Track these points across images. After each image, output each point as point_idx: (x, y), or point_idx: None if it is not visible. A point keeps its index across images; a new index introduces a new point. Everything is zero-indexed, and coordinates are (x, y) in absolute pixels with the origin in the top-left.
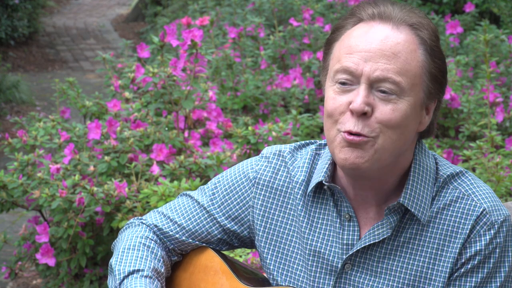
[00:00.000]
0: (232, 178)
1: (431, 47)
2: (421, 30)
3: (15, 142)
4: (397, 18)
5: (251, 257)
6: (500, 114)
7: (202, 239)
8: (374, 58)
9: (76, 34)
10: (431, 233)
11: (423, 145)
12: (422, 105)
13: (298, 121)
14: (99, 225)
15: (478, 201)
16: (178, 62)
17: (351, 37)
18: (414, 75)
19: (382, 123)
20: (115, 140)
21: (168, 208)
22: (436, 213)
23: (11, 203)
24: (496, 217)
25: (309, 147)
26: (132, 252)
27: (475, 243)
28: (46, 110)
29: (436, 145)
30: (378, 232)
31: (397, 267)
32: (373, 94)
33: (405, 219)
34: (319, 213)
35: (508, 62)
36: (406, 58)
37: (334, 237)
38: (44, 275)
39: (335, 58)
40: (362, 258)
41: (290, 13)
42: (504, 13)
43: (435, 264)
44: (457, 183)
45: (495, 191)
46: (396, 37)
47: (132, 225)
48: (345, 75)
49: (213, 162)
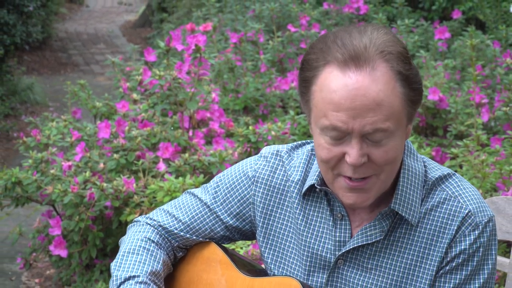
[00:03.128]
0: (233, 177)
1: (406, 76)
2: (394, 61)
3: (29, 141)
4: (370, 56)
5: (251, 248)
6: (486, 115)
7: (205, 236)
8: (361, 114)
9: (87, 39)
10: (420, 233)
11: (412, 149)
12: (406, 126)
13: (295, 121)
14: (108, 218)
15: (464, 202)
16: (183, 66)
17: (331, 91)
18: (398, 112)
19: (380, 165)
20: (124, 139)
21: (173, 206)
22: (424, 214)
23: (26, 198)
24: (481, 218)
25: (305, 148)
26: (132, 256)
27: (460, 243)
28: (59, 110)
29: (425, 143)
30: (370, 233)
31: (386, 264)
32: (365, 143)
33: (395, 219)
34: (314, 211)
35: (493, 66)
36: (389, 102)
37: (327, 234)
38: (57, 265)
39: (320, 110)
40: (354, 255)
41: (288, 20)
42: (489, 19)
43: (423, 262)
44: (444, 185)
45: (481, 187)
46: (376, 85)
47: (138, 224)
48: (335, 132)
49: (216, 159)
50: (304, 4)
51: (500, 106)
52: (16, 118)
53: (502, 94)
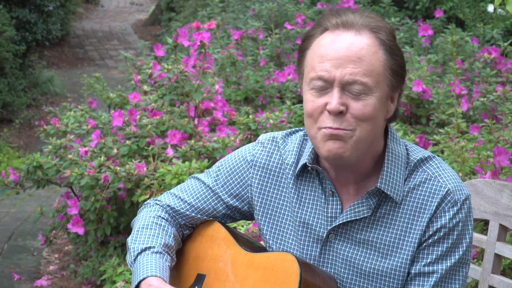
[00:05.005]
0: (233, 162)
1: (390, 46)
2: (380, 33)
3: (49, 129)
4: (358, 24)
5: (252, 226)
6: (465, 105)
7: (209, 215)
8: (343, 64)
9: (101, 36)
10: (403, 210)
11: (395, 134)
12: (387, 97)
13: (291, 110)
14: (121, 199)
15: (444, 182)
16: (189, 60)
17: (320, 46)
18: (378, 73)
19: (357, 118)
20: (135, 127)
21: (179, 189)
22: (407, 192)
23: (46, 180)
24: (459, 196)
25: (298, 134)
26: (146, 231)
27: (441, 218)
28: (76, 101)
29: (410, 131)
30: (358, 210)
31: (373, 238)
32: (345, 95)
33: (381, 197)
34: (307, 190)
35: (472, 60)
36: (370, 60)
37: (320, 210)
38: (75, 242)
39: (309, 66)
40: (343, 230)
41: (285, 18)
42: (468, 18)
43: (406, 235)
44: (425, 166)
45: (461, 170)
46: (360, 42)
47: (148, 205)
48: (320, 82)
49: (219, 145)
50: (299, 4)
51: (478, 97)
52: (38, 108)
53: (480, 86)
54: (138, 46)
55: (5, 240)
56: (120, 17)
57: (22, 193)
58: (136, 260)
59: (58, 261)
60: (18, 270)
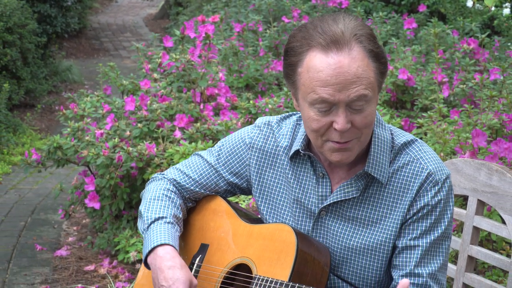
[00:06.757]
0: (233, 143)
1: (375, 52)
2: (365, 42)
3: (68, 113)
4: (346, 38)
5: (252, 201)
6: (446, 91)
7: (211, 190)
8: (345, 87)
9: (116, 29)
10: (388, 190)
11: (380, 119)
12: (378, 95)
13: (288, 96)
14: (134, 177)
15: (425, 164)
16: (195, 50)
17: (317, 70)
18: (373, 82)
19: (361, 128)
20: (146, 111)
21: (184, 165)
22: (392, 174)
23: (65, 160)
24: (439, 176)
25: (291, 118)
26: (157, 202)
27: (423, 197)
28: (93, 88)
29: (396, 115)
30: (347, 190)
31: (361, 216)
32: (349, 111)
33: (369, 179)
34: (301, 170)
35: (452, 51)
36: (366, 74)
37: (312, 189)
38: (91, 216)
39: (308, 87)
40: (334, 208)
41: (283, 12)
42: (449, 12)
43: (391, 213)
44: (408, 149)
45: (442, 150)
46: (354, 61)
47: (156, 179)
48: (324, 104)
49: (222, 128)
50: None
51: (458, 84)
52: (58, 94)
53: (460, 74)
54: (149, 38)
55: (29, 214)
56: (133, 12)
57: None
58: (150, 228)
59: (76, 233)
60: (40, 241)
